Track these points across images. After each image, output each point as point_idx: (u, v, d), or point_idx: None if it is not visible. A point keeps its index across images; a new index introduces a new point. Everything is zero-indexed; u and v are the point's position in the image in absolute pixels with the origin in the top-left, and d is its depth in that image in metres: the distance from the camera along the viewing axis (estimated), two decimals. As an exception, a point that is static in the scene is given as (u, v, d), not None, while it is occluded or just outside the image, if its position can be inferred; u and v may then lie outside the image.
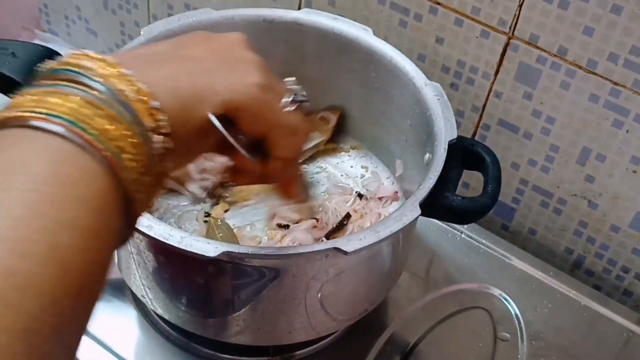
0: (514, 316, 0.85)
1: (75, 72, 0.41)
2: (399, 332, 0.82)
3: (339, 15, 0.84)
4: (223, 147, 0.51)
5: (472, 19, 0.86)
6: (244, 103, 0.48)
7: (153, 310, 0.77)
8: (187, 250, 0.59)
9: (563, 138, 0.87)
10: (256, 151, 0.53)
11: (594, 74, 0.81)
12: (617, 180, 0.86)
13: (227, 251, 0.59)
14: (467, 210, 0.69)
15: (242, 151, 0.50)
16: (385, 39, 0.83)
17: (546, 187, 0.92)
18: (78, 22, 1.29)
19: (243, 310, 0.68)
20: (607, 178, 0.86)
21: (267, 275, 0.65)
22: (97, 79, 0.40)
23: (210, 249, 0.59)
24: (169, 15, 1.14)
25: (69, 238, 0.35)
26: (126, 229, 0.42)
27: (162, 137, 0.42)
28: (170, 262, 0.67)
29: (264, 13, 0.85)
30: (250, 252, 0.62)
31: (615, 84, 0.80)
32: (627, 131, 0.82)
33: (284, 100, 0.53)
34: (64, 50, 0.80)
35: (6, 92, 0.72)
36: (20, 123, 0.38)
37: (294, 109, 0.53)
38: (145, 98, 0.42)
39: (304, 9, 0.87)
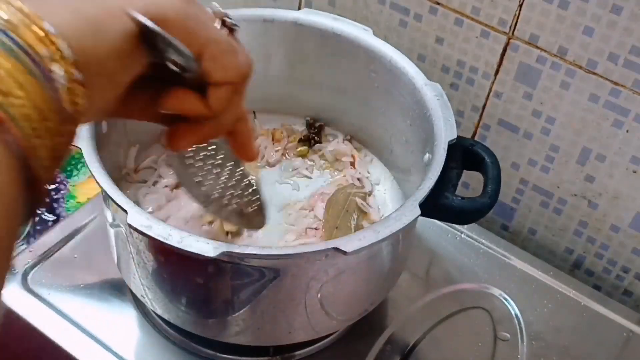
0: (514, 316, 0.85)
1: None
2: (399, 332, 0.82)
3: (338, 15, 0.84)
4: (152, 86, 0.44)
5: (472, 19, 0.86)
6: (169, 13, 0.41)
7: (153, 310, 0.77)
8: (186, 250, 0.59)
9: (563, 138, 0.87)
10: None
11: (594, 74, 0.81)
12: (617, 180, 0.86)
13: (227, 251, 0.59)
14: (467, 211, 0.69)
15: (176, 61, 0.43)
16: (385, 39, 0.83)
17: (546, 187, 0.92)
18: (78, 22, 1.29)
19: (243, 310, 0.68)
20: (607, 178, 0.86)
21: (266, 275, 0.65)
22: None
23: (209, 249, 0.59)
24: (169, 15, 1.14)
25: None
26: (31, 199, 0.34)
27: (62, 66, 0.34)
28: (170, 262, 0.67)
29: (264, 13, 0.85)
30: (250, 252, 0.62)
31: (615, 84, 0.80)
32: (627, 131, 0.82)
33: (214, 24, 0.47)
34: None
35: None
36: None
37: (227, 34, 0.48)
38: (32, 21, 0.33)
39: (304, 9, 0.87)
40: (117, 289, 0.82)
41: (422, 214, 0.65)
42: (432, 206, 0.67)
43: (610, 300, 0.89)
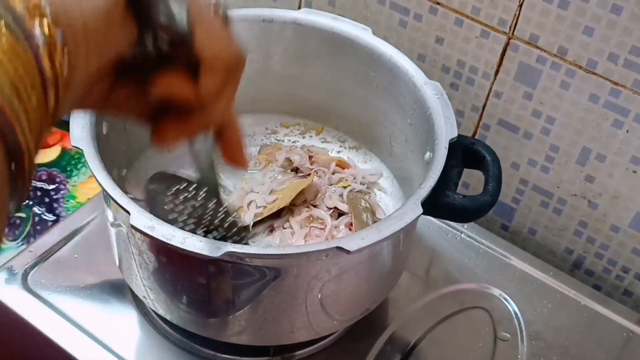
0: (514, 316, 0.85)
1: None
2: (399, 332, 0.82)
3: (338, 15, 0.84)
4: (138, 77, 0.42)
5: (472, 19, 0.86)
6: None
7: (153, 311, 0.77)
8: (189, 251, 0.59)
9: (563, 138, 0.87)
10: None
11: (594, 74, 0.81)
12: (617, 180, 0.86)
13: (230, 251, 0.59)
14: (469, 209, 0.69)
15: (167, 32, 0.41)
16: (385, 39, 0.83)
17: (546, 187, 0.92)
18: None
19: (244, 310, 0.68)
20: (607, 178, 0.86)
21: (268, 275, 0.65)
22: None
23: (212, 249, 0.59)
24: (168, 15, 1.13)
25: None
26: (16, 176, 0.33)
27: (42, 24, 0.33)
28: (172, 263, 0.67)
29: (264, 13, 0.85)
30: (252, 252, 0.62)
31: (615, 84, 0.80)
32: (627, 131, 0.82)
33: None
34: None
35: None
36: None
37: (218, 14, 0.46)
38: None
39: (304, 8, 0.87)
40: (117, 289, 0.82)
41: (423, 213, 0.65)
42: (434, 205, 0.67)
43: (610, 300, 0.89)
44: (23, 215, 1.14)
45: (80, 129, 0.67)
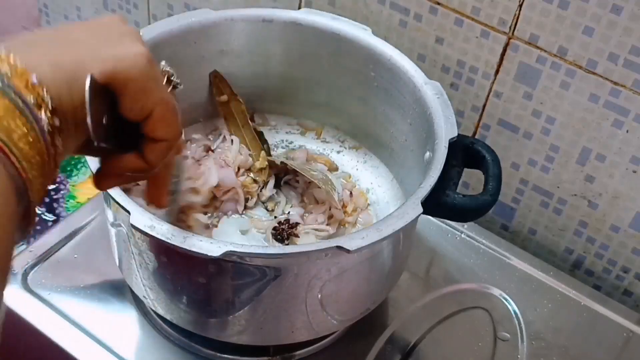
0: (514, 316, 0.85)
1: None
2: (399, 332, 0.82)
3: (338, 15, 0.84)
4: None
5: (472, 19, 0.86)
6: (132, 73, 0.46)
7: (153, 310, 0.77)
8: (190, 250, 0.59)
9: (563, 138, 0.87)
10: (125, 142, 0.51)
11: (594, 74, 0.81)
12: (617, 180, 0.86)
13: (230, 251, 0.59)
14: (469, 208, 0.69)
15: (95, 137, 0.46)
16: (385, 39, 0.83)
17: (546, 187, 0.92)
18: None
19: (245, 309, 0.68)
20: (607, 178, 0.86)
21: (268, 274, 0.65)
22: None
23: (213, 248, 0.59)
24: (169, 15, 1.14)
25: None
26: (25, 219, 0.41)
27: (48, 114, 0.41)
28: (172, 262, 0.67)
29: (263, 13, 0.85)
30: (252, 252, 0.61)
31: (615, 84, 0.80)
32: (627, 131, 0.82)
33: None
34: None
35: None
36: None
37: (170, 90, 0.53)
38: (21, 73, 0.40)
39: (304, 9, 0.87)
40: (117, 289, 0.82)
41: (424, 212, 0.65)
42: (434, 204, 0.67)
43: (610, 300, 0.89)
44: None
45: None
